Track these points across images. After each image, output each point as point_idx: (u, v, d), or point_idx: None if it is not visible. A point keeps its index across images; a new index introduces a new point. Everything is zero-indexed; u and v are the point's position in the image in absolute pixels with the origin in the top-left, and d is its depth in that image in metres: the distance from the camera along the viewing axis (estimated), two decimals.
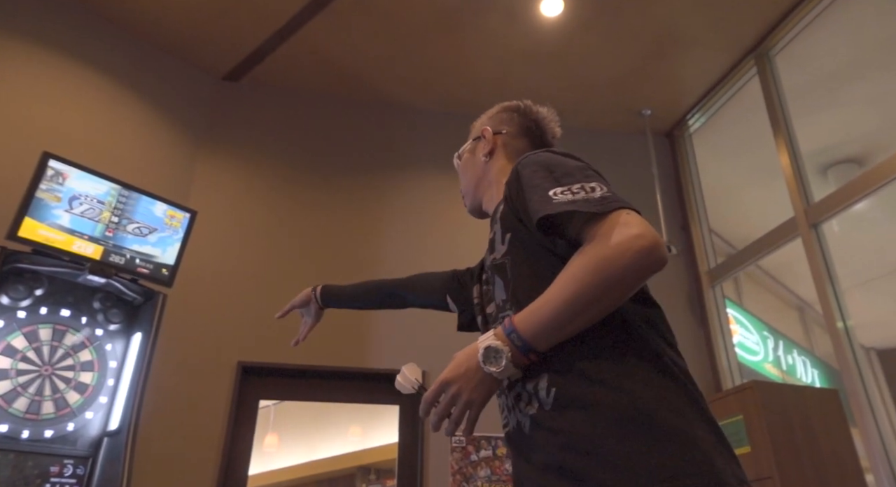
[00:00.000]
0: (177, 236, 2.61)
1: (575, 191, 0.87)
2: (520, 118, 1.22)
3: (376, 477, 5.52)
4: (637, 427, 0.76)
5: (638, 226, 0.81)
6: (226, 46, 3.50)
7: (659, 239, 0.81)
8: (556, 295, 0.83)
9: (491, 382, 0.86)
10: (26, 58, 2.94)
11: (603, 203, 0.85)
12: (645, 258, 0.79)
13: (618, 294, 0.82)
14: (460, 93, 3.81)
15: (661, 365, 0.83)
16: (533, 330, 0.83)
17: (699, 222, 3.92)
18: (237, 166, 3.57)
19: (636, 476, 0.73)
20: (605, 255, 0.80)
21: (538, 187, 0.91)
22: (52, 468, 2.14)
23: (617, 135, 4.15)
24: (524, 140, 1.20)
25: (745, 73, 3.65)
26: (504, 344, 0.84)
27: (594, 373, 0.82)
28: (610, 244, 0.81)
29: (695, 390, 0.84)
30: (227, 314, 3.16)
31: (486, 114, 1.27)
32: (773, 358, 3.92)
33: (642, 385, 0.80)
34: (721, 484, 0.74)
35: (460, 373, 0.86)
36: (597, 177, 0.92)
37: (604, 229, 0.82)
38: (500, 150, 1.19)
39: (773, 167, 3.39)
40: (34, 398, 2.17)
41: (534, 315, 0.84)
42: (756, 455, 2.46)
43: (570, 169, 0.93)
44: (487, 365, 0.84)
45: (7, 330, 2.17)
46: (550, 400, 0.83)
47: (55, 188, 2.26)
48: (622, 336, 0.85)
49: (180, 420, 2.86)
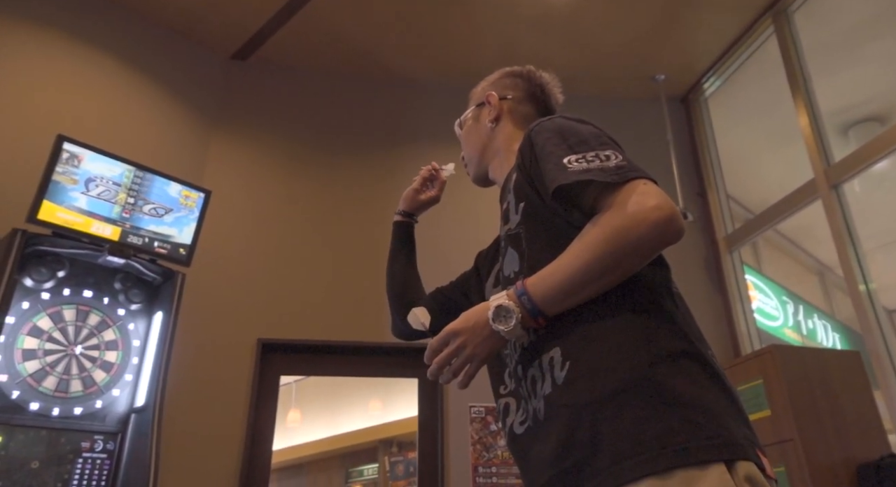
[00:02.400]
0: (192, 216, 2.63)
1: (590, 159, 0.85)
2: (524, 83, 1.19)
3: (398, 450, 5.62)
4: (650, 392, 0.75)
5: (655, 196, 0.80)
6: (232, 25, 3.47)
7: (676, 210, 0.80)
8: (569, 262, 0.82)
9: (496, 340, 0.86)
10: (37, 42, 2.95)
11: (619, 172, 0.83)
12: (661, 229, 0.78)
13: (631, 264, 0.82)
14: (469, 64, 3.75)
15: (674, 328, 0.82)
16: (543, 294, 0.83)
17: (716, 188, 3.86)
18: (248, 145, 3.57)
19: (650, 442, 0.72)
20: (621, 225, 0.79)
21: (552, 155, 0.89)
22: (83, 443, 2.21)
23: (630, 102, 4.07)
24: (530, 105, 1.17)
25: (762, 33, 3.55)
26: (516, 304, 0.84)
27: (608, 340, 0.81)
28: (626, 214, 0.79)
29: (708, 353, 0.83)
30: (245, 292, 3.20)
31: (486, 80, 1.24)
32: (792, 322, 3.88)
33: (655, 350, 0.79)
34: (733, 447, 0.73)
35: (468, 327, 0.87)
36: (612, 145, 0.90)
37: (620, 198, 0.81)
38: (506, 116, 1.17)
39: (791, 129, 3.32)
40: (62, 376, 2.22)
41: (546, 280, 0.84)
42: (776, 418, 2.46)
43: (585, 136, 0.91)
44: (496, 324, 0.84)
45: (32, 311, 2.22)
46: (563, 374, 0.82)
47: (71, 171, 2.28)
48: (635, 300, 0.84)
49: (204, 396, 2.92)
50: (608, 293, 0.83)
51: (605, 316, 0.83)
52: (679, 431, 0.72)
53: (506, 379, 0.99)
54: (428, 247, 1.68)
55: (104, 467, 2.22)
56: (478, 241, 1.33)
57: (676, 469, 0.70)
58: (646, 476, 0.71)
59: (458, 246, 1.65)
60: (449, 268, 1.38)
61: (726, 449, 0.72)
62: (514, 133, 1.14)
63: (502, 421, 0.98)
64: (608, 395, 0.77)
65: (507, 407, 0.97)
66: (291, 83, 3.76)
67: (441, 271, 1.37)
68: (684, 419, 0.73)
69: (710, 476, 0.70)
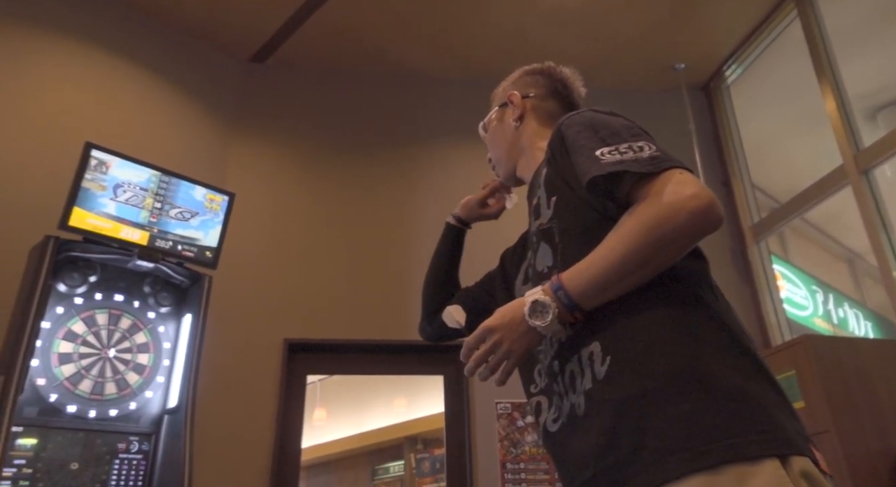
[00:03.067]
0: (217, 219, 2.66)
1: (623, 150, 0.84)
2: (545, 80, 1.19)
3: (423, 447, 5.65)
4: (696, 386, 0.74)
5: (692, 185, 0.79)
6: (249, 28, 3.50)
7: (715, 199, 0.78)
8: (605, 254, 0.81)
9: (533, 336, 0.85)
10: (63, 51, 3.00)
11: (653, 162, 0.82)
12: (700, 218, 0.77)
13: (669, 255, 0.80)
14: (483, 59, 3.74)
15: (717, 321, 0.81)
16: (580, 288, 0.82)
17: (740, 177, 3.80)
18: (269, 147, 3.60)
19: (698, 437, 0.70)
20: (658, 215, 0.78)
21: (584, 148, 0.88)
22: (119, 445, 2.25)
23: (649, 92, 4.02)
24: (552, 102, 1.17)
25: (786, 17, 3.48)
26: (552, 299, 0.83)
27: (648, 334, 0.79)
28: (663, 204, 0.78)
29: (751, 346, 0.81)
30: (270, 292, 3.23)
31: (507, 80, 1.24)
32: (822, 312, 3.81)
33: (699, 343, 0.78)
34: (787, 442, 0.71)
35: (504, 323, 0.86)
36: (644, 136, 0.89)
37: (656, 189, 0.80)
38: (529, 114, 1.17)
39: (818, 114, 3.25)
40: (97, 379, 2.26)
41: (581, 273, 0.83)
42: (811, 409, 2.41)
43: (617, 128, 0.90)
44: (533, 319, 0.83)
45: (66, 316, 2.26)
46: (604, 369, 0.80)
47: (99, 177, 2.31)
48: (677, 294, 0.82)
49: (234, 396, 2.96)
50: (647, 286, 0.82)
51: (644, 309, 0.81)
52: (728, 426, 0.71)
53: (535, 377, 0.99)
54: None
55: (140, 467, 2.26)
56: (502, 240, 1.33)
57: (727, 465, 0.68)
58: (695, 472, 0.69)
59: (482, 244, 1.64)
60: (473, 267, 1.38)
61: (779, 444, 0.70)
62: (538, 130, 1.14)
63: (535, 420, 0.97)
64: (652, 390, 0.75)
65: (539, 406, 0.96)
66: (309, 84, 3.78)
67: (464, 270, 1.37)
68: (733, 413, 0.72)
69: (763, 472, 0.68)
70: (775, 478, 0.68)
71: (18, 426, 2.03)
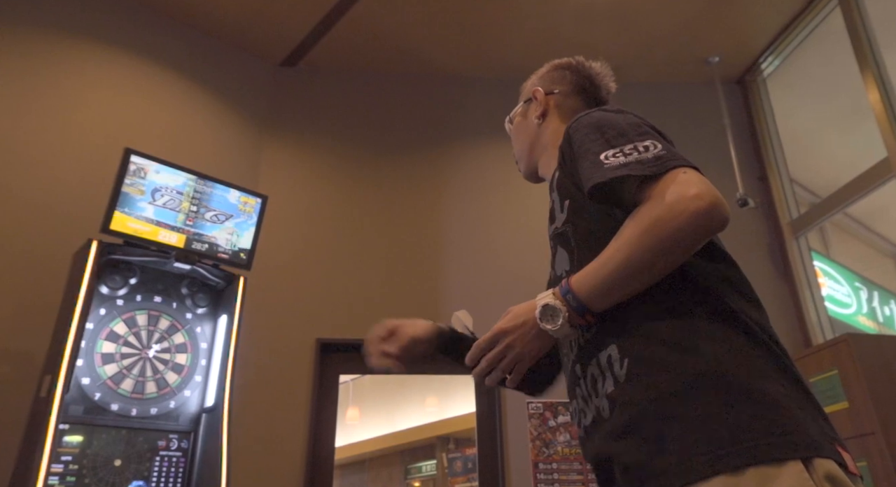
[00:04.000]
0: (251, 221, 2.71)
1: (627, 152, 0.83)
2: (572, 76, 1.17)
3: (455, 446, 5.66)
4: (717, 388, 0.73)
5: (696, 184, 0.77)
6: (280, 33, 3.56)
7: (719, 198, 0.77)
8: (610, 256, 0.81)
9: (545, 339, 0.86)
10: (102, 59, 3.10)
11: (657, 163, 0.81)
12: (702, 219, 0.76)
13: (674, 256, 0.79)
14: (513, 57, 3.72)
15: (737, 322, 0.79)
16: (588, 291, 0.82)
17: (778, 172, 3.69)
18: (301, 149, 3.65)
19: (720, 439, 0.69)
20: (659, 216, 0.77)
21: (589, 152, 0.87)
22: (159, 442, 2.31)
23: (683, 86, 3.94)
24: (578, 98, 1.15)
25: (825, 7, 3.37)
26: (561, 303, 0.83)
27: (667, 336, 0.78)
28: (664, 205, 0.77)
29: (777, 347, 0.79)
30: (302, 293, 3.28)
31: (536, 74, 1.23)
32: (867, 309, 3.69)
33: (719, 344, 0.76)
34: (810, 444, 0.69)
35: (516, 325, 0.87)
36: (651, 134, 0.87)
37: (658, 190, 0.79)
38: (553, 111, 1.15)
39: (859, 106, 3.14)
40: (138, 379, 2.33)
41: (589, 276, 0.83)
42: (855, 410, 2.34)
43: (623, 128, 0.88)
44: (544, 323, 0.84)
45: (109, 317, 2.34)
46: (624, 372, 0.80)
47: (138, 182, 2.38)
48: (695, 295, 0.81)
49: (268, 395, 3.01)
50: (663, 286, 0.81)
51: (660, 310, 0.80)
52: (750, 427, 0.69)
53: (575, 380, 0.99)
54: (481, 247, 1.68)
55: (180, 464, 2.33)
56: (528, 237, 1.32)
57: (749, 467, 0.67)
58: (716, 474, 0.68)
59: (509, 243, 1.63)
60: (497, 264, 1.38)
61: (803, 446, 0.69)
62: (560, 128, 1.12)
63: (577, 424, 0.96)
64: (672, 391, 0.75)
65: (576, 411, 0.96)
66: (338, 86, 3.82)
67: (488, 263, 1.36)
68: (755, 414, 0.70)
69: (786, 475, 0.67)
70: (798, 481, 0.66)
71: (65, 424, 2.11)
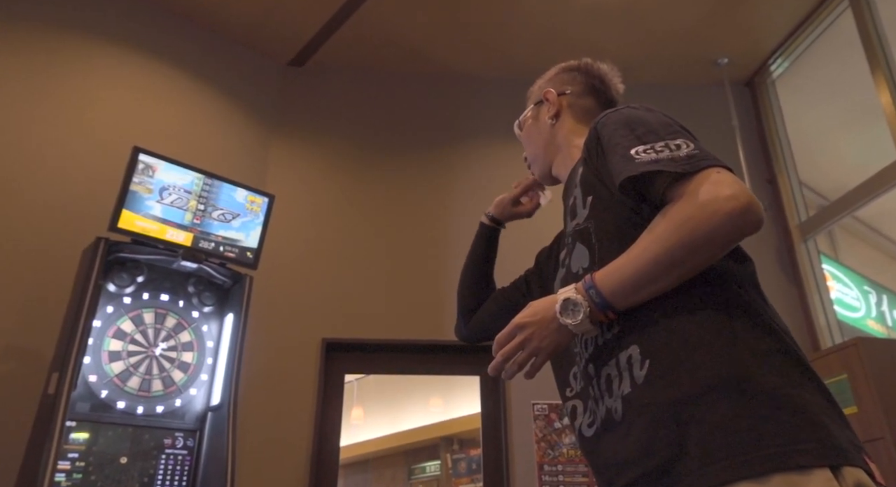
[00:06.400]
0: (258, 220, 2.71)
1: (659, 149, 0.82)
2: (583, 76, 1.17)
3: (459, 447, 5.65)
4: (742, 392, 0.71)
5: (730, 185, 0.76)
6: (288, 32, 3.56)
7: (754, 199, 0.75)
8: (638, 254, 0.79)
9: (564, 333, 0.84)
10: (112, 58, 3.11)
11: (690, 161, 0.80)
12: (737, 220, 0.74)
13: (704, 257, 0.78)
14: (521, 57, 3.72)
15: (762, 324, 0.78)
16: (612, 288, 0.80)
17: (787, 174, 3.67)
18: (308, 149, 3.66)
19: (744, 445, 0.68)
20: (693, 216, 0.76)
21: (619, 146, 0.86)
22: (165, 440, 2.32)
23: (691, 88, 3.93)
24: (590, 99, 1.16)
25: (835, 9, 3.35)
26: (584, 298, 0.82)
27: (692, 337, 0.77)
28: (698, 204, 0.76)
29: (799, 350, 0.78)
30: (308, 293, 3.28)
31: (543, 78, 1.23)
32: (876, 313, 3.66)
33: (745, 347, 0.75)
34: (838, 451, 0.68)
35: (535, 320, 0.85)
36: (683, 133, 0.86)
37: (691, 188, 0.77)
38: (565, 112, 1.15)
39: (870, 108, 3.11)
40: (144, 376, 2.34)
41: (615, 273, 0.81)
42: (864, 415, 2.32)
43: (654, 125, 0.87)
44: (564, 317, 0.82)
45: (116, 315, 2.34)
46: (643, 373, 0.78)
47: (146, 180, 2.39)
48: (722, 296, 0.80)
49: (274, 394, 3.02)
50: (688, 287, 0.79)
51: (685, 311, 0.79)
52: (776, 433, 0.68)
53: (571, 381, 0.97)
54: None
55: (185, 462, 2.33)
56: (536, 239, 1.31)
57: (775, 474, 0.66)
58: (740, 480, 0.67)
59: (516, 243, 1.63)
60: (506, 267, 1.37)
61: (831, 454, 0.67)
62: (575, 128, 1.13)
63: (571, 424, 0.96)
64: (695, 394, 0.73)
65: (575, 410, 0.95)
66: (346, 86, 3.82)
67: (498, 269, 1.36)
68: (781, 420, 0.69)
69: (813, 482, 0.65)
70: None
71: (72, 421, 2.12)
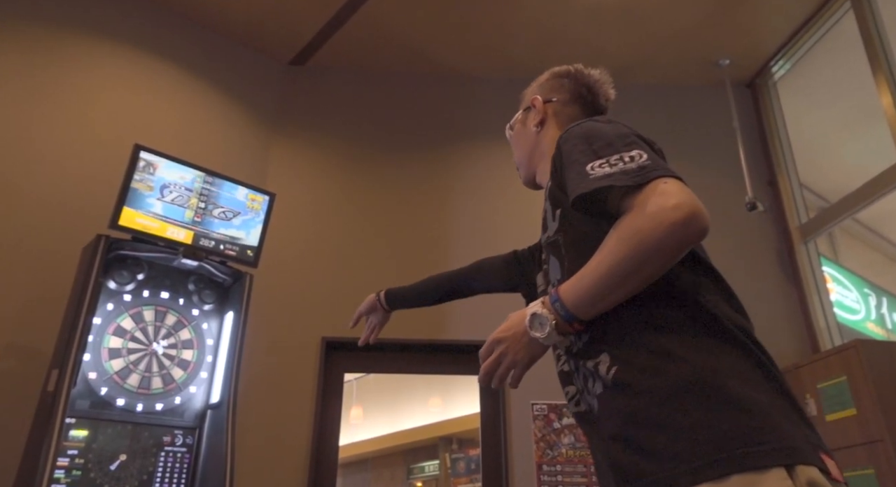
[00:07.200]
0: (258, 218, 2.71)
1: (613, 162, 0.86)
2: (571, 84, 1.18)
3: (458, 447, 5.65)
4: (702, 396, 0.75)
5: (676, 195, 0.79)
6: (289, 32, 3.56)
7: (698, 208, 0.78)
8: (594, 267, 0.83)
9: (536, 346, 0.89)
10: (114, 56, 3.11)
11: (641, 173, 0.83)
12: (681, 230, 0.77)
13: (655, 266, 0.81)
14: (522, 57, 3.72)
15: (723, 330, 0.81)
16: (574, 300, 0.85)
17: (787, 176, 3.67)
18: (309, 148, 3.66)
19: (705, 447, 0.72)
20: (640, 227, 0.79)
21: (576, 163, 0.90)
22: (164, 438, 2.32)
23: (692, 89, 3.93)
24: (576, 107, 1.17)
25: (837, 11, 3.35)
26: (549, 312, 0.86)
27: (655, 345, 0.81)
28: (645, 215, 0.79)
29: (762, 355, 0.81)
30: (308, 291, 3.28)
31: (536, 82, 1.24)
32: (875, 316, 3.66)
33: (705, 353, 0.78)
34: (792, 451, 0.71)
35: (509, 335, 0.91)
36: (638, 144, 0.89)
37: (640, 200, 0.81)
38: (551, 120, 1.17)
39: (871, 110, 3.11)
40: (144, 374, 2.34)
41: (575, 286, 0.85)
42: (863, 417, 2.32)
43: (611, 138, 0.91)
44: (533, 331, 0.87)
45: (116, 312, 2.35)
46: (610, 377, 0.83)
47: (147, 178, 2.39)
48: (680, 303, 0.83)
49: (273, 393, 3.02)
50: (649, 295, 0.83)
51: (646, 318, 0.83)
52: (734, 435, 0.71)
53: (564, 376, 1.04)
54: (487, 246, 1.68)
55: (184, 460, 2.33)
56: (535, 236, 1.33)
57: (734, 475, 0.69)
58: (702, 482, 0.70)
59: (516, 241, 1.63)
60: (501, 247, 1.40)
61: (785, 454, 0.71)
62: (557, 136, 1.13)
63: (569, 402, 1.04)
64: (658, 399, 0.77)
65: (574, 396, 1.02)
66: (347, 85, 3.82)
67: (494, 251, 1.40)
68: (739, 422, 0.72)
69: (768, 481, 0.69)
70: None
71: (71, 418, 2.12)
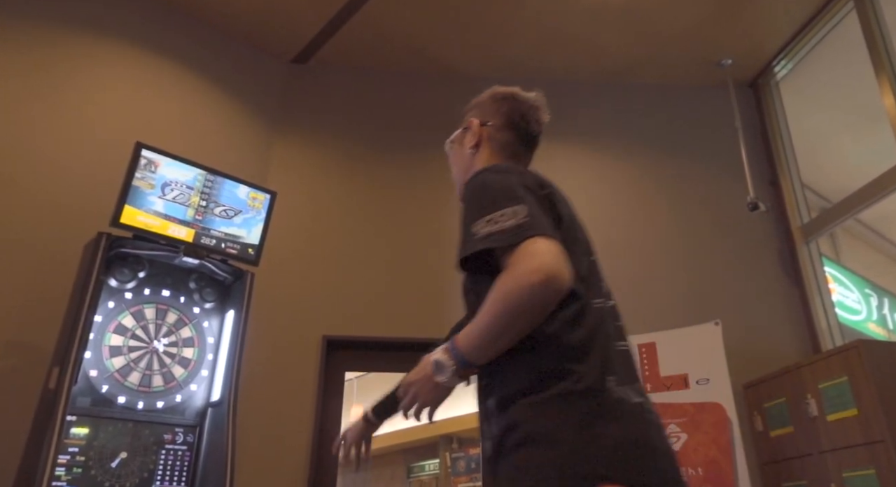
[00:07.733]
0: (259, 217, 2.71)
1: (496, 220, 0.92)
2: (507, 109, 1.19)
3: (458, 446, 5.65)
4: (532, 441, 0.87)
5: (539, 257, 0.86)
6: (291, 30, 3.56)
7: (556, 270, 0.85)
8: (479, 319, 0.92)
9: (442, 389, 0.98)
10: (116, 54, 3.11)
11: (516, 233, 0.89)
12: (539, 291, 0.85)
13: (525, 322, 0.89)
14: (523, 56, 3.71)
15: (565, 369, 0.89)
16: (466, 348, 0.93)
17: (789, 176, 3.67)
18: (310, 146, 3.66)
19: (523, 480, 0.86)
20: (508, 289, 0.87)
21: (464, 222, 0.98)
22: (165, 435, 2.32)
23: (694, 89, 3.92)
24: (509, 133, 1.18)
25: (840, 10, 3.34)
26: (450, 358, 0.94)
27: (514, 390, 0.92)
28: (512, 276, 0.87)
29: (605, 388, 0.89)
30: (309, 290, 3.28)
31: (477, 100, 1.25)
32: (877, 316, 3.65)
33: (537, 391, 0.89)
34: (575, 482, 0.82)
35: (419, 379, 1.00)
36: (521, 199, 0.94)
37: (513, 260, 0.88)
38: (485, 143, 1.18)
39: (873, 111, 3.11)
40: (145, 372, 2.34)
41: (466, 335, 0.93)
42: (864, 418, 2.32)
43: (496, 193, 0.96)
44: (437, 376, 0.96)
45: (117, 310, 2.34)
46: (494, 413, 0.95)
47: (149, 176, 2.39)
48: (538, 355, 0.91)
49: (274, 391, 3.02)
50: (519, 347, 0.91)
51: (515, 370, 0.93)
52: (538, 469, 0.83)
53: None
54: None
55: (185, 458, 2.33)
56: None
57: None
58: None
59: None
60: None
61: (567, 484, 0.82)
62: (489, 159, 1.16)
63: None
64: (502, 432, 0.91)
65: None
66: (349, 84, 3.82)
67: None
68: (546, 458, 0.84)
69: None
70: None
71: (72, 415, 2.12)
